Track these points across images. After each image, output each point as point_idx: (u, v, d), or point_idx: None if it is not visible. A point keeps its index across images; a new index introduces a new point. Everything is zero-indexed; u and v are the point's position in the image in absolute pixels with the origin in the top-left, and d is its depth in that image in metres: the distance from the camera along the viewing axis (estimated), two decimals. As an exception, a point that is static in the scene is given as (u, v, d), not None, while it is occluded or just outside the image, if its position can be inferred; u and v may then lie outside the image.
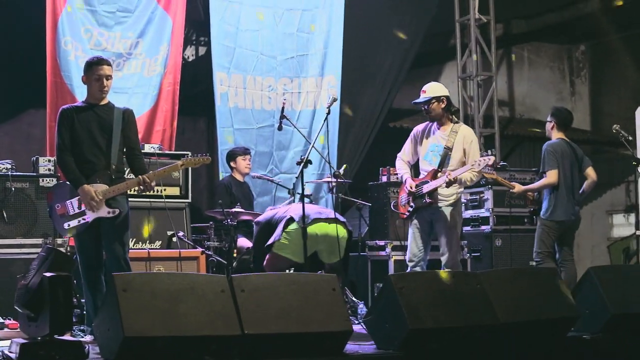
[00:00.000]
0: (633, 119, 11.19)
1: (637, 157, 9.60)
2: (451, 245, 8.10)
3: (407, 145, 8.43)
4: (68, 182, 7.02)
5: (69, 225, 6.94)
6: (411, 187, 8.15)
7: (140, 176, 6.99)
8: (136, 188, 7.08)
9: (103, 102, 7.13)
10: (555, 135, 9.13)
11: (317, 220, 8.09)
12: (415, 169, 8.46)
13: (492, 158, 8.04)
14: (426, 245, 8.22)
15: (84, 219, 6.90)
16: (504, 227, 10.83)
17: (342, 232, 8.23)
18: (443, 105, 8.21)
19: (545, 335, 6.55)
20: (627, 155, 9.64)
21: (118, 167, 7.03)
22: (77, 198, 6.91)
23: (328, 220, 8.16)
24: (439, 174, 8.03)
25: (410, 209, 8.22)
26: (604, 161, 15.70)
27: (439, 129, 8.26)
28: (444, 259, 8.11)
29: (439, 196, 8.08)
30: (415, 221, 8.23)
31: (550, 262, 8.95)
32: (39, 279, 5.58)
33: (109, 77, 7.08)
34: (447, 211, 8.10)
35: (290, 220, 8.13)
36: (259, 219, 8.79)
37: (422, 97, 8.23)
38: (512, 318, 6.37)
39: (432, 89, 8.27)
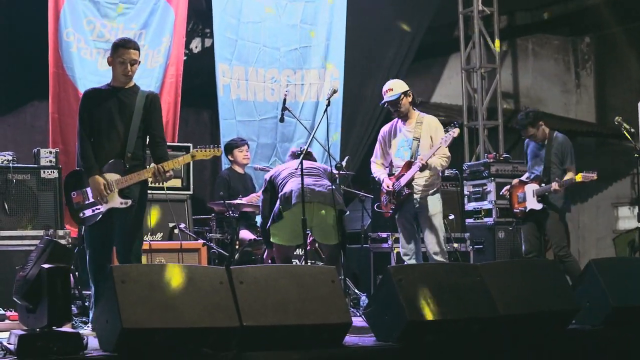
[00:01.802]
0: (637, 111, 11.16)
1: (639, 149, 9.56)
2: (435, 233, 8.21)
3: (377, 148, 8.60)
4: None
5: (84, 214, 6.89)
6: (388, 187, 8.31)
7: (155, 165, 6.83)
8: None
9: (128, 86, 6.96)
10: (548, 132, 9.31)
11: (312, 199, 7.94)
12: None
13: (457, 130, 8.15)
14: (416, 237, 8.37)
15: (97, 209, 6.83)
16: (506, 219, 10.82)
17: (331, 214, 8.12)
18: (410, 99, 8.34)
19: (545, 327, 6.53)
20: (632, 148, 9.62)
21: (135, 154, 6.85)
22: None
23: (321, 201, 8.01)
24: (413, 164, 8.11)
25: (393, 207, 8.35)
26: (609, 153, 15.67)
27: (404, 124, 8.39)
28: (429, 247, 8.21)
29: (417, 187, 8.21)
30: (401, 217, 8.37)
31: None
32: (37, 271, 5.56)
33: (134, 62, 6.89)
34: (428, 201, 8.23)
35: (285, 200, 8.01)
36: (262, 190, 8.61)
37: (392, 95, 8.32)
38: (512, 310, 6.36)
39: (397, 85, 8.40)
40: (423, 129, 8.27)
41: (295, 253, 9.35)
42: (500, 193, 10.01)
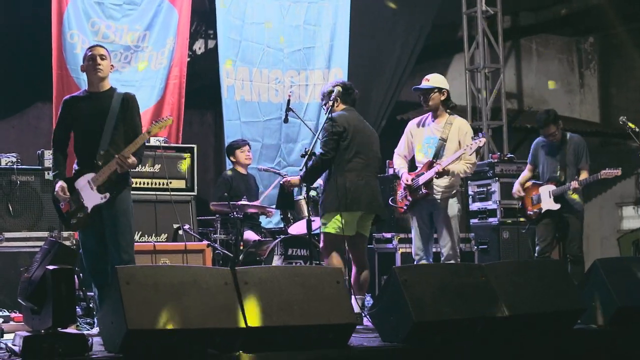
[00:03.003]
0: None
1: (643, 148, 9.53)
2: (450, 236, 8.08)
3: (403, 140, 8.45)
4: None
5: (73, 221, 6.93)
6: (407, 181, 8.15)
7: (115, 155, 6.82)
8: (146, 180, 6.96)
9: (104, 89, 7.05)
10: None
11: None
12: (412, 163, 8.45)
13: (484, 140, 8.09)
14: (429, 238, 8.24)
15: (83, 212, 6.88)
16: (511, 219, 10.80)
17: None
18: (443, 98, 8.21)
19: (551, 328, 6.52)
20: (637, 148, 9.59)
21: (109, 152, 6.85)
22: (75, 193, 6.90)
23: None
24: (434, 165, 8.02)
25: (408, 203, 8.23)
26: (613, 153, 15.64)
27: (433, 121, 8.27)
28: (444, 250, 8.10)
29: (437, 188, 8.07)
30: (416, 215, 8.23)
31: None
32: (42, 272, 5.57)
33: (103, 57, 6.98)
34: (446, 203, 8.08)
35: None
36: None
37: (425, 85, 8.23)
38: (518, 310, 6.35)
39: (435, 79, 8.27)
40: (452, 130, 8.14)
41: (298, 254, 9.37)
42: (513, 193, 9.78)
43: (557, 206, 9.17)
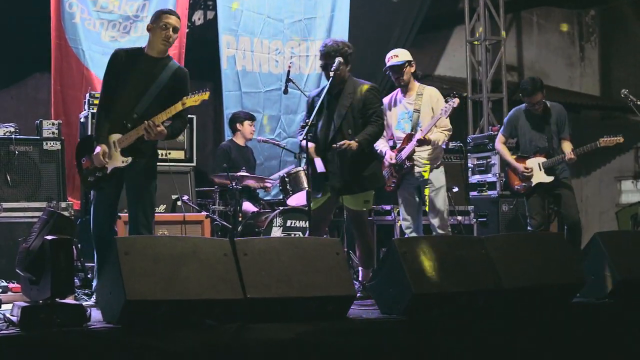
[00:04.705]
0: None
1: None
2: (439, 208, 8.13)
3: None
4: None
5: (92, 178, 6.83)
6: (391, 159, 8.14)
7: (145, 121, 6.67)
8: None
9: (160, 55, 6.88)
10: None
11: None
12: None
13: (457, 100, 7.99)
14: (418, 210, 8.26)
15: (102, 172, 6.78)
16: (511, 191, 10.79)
17: None
18: (413, 70, 8.25)
19: (550, 300, 6.52)
20: (636, 121, 9.55)
21: (143, 117, 6.69)
22: None
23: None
24: (413, 137, 8.02)
25: (395, 181, 8.24)
26: (613, 127, 15.60)
27: (404, 96, 8.28)
28: (434, 221, 8.15)
29: (420, 160, 8.11)
30: (404, 190, 8.26)
31: None
32: (40, 242, 5.54)
33: (176, 30, 6.84)
34: (432, 175, 8.12)
35: None
36: None
37: (397, 61, 8.19)
38: (517, 283, 6.34)
39: (402, 53, 8.29)
40: (423, 100, 8.16)
41: (297, 225, 9.37)
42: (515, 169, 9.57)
43: (549, 178, 8.99)
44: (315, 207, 7.56)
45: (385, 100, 8.38)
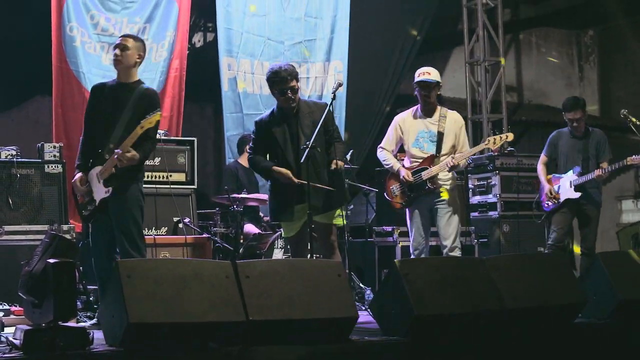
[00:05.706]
0: (642, 104, 11.15)
1: (644, 142, 9.51)
2: (454, 229, 8.03)
3: (391, 134, 8.30)
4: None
5: (85, 213, 6.92)
6: (407, 177, 8.04)
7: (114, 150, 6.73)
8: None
9: (129, 80, 6.95)
10: None
11: None
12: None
13: (511, 135, 8.28)
14: (428, 232, 8.16)
15: (93, 205, 6.86)
16: (511, 212, 10.80)
17: None
18: (439, 92, 8.26)
19: (552, 321, 6.51)
20: (636, 141, 9.56)
21: (118, 145, 6.73)
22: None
23: None
24: (436, 160, 7.98)
25: (407, 199, 8.14)
26: (613, 147, 15.60)
27: (425, 115, 8.19)
28: (447, 242, 8.01)
29: (440, 182, 8.02)
30: (416, 210, 8.12)
31: None
32: (43, 266, 5.55)
33: (124, 48, 6.89)
34: (449, 195, 8.04)
35: None
36: None
37: (430, 78, 8.14)
38: (519, 304, 6.34)
39: (435, 73, 8.23)
40: (447, 124, 8.09)
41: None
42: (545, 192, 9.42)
43: (576, 195, 9.08)
44: (294, 234, 7.41)
45: (404, 114, 8.31)
